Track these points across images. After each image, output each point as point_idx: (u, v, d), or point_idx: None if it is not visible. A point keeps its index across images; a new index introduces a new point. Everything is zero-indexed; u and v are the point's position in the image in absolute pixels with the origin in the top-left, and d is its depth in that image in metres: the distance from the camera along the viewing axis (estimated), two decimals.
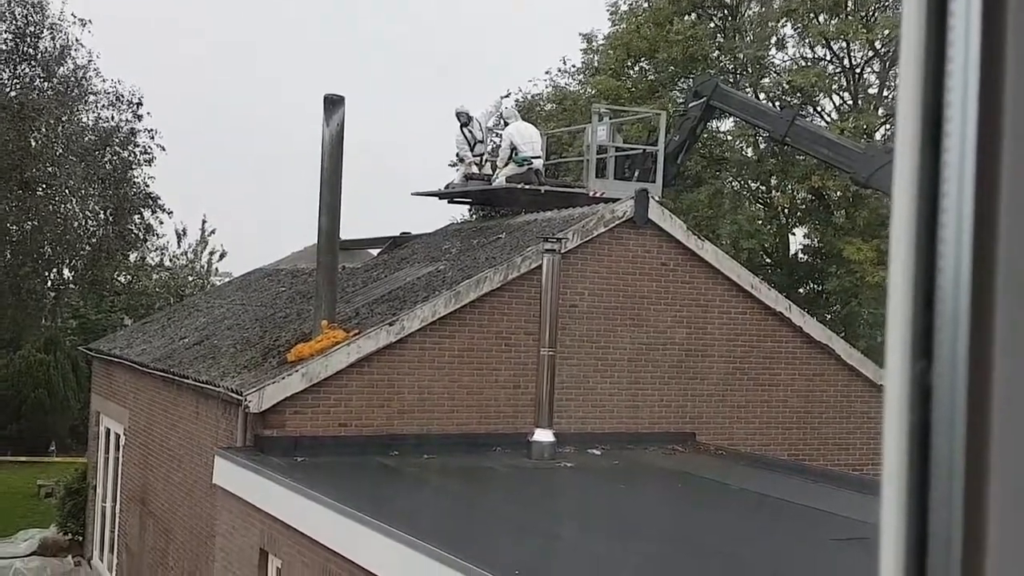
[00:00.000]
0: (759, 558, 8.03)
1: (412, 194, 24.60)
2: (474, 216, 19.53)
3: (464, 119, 16.58)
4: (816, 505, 10.34)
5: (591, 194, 14.70)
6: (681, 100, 28.44)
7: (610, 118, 17.05)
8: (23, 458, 30.93)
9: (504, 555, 7.24)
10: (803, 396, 14.78)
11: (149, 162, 28.34)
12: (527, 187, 15.08)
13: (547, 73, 33.73)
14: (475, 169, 16.65)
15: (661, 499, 10.57)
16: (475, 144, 16.62)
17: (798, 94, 26.90)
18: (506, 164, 15.55)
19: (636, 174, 16.27)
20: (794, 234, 30.92)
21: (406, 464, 11.29)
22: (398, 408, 12.22)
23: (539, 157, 15.63)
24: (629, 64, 29.45)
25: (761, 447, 14.37)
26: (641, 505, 10.16)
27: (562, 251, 12.51)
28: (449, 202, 17.90)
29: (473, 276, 12.80)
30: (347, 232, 14.09)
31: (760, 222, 28.26)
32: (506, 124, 16.13)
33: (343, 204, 12.84)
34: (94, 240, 28.13)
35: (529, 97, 35.38)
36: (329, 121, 12.67)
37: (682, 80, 28.76)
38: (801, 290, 28.83)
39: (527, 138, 15.52)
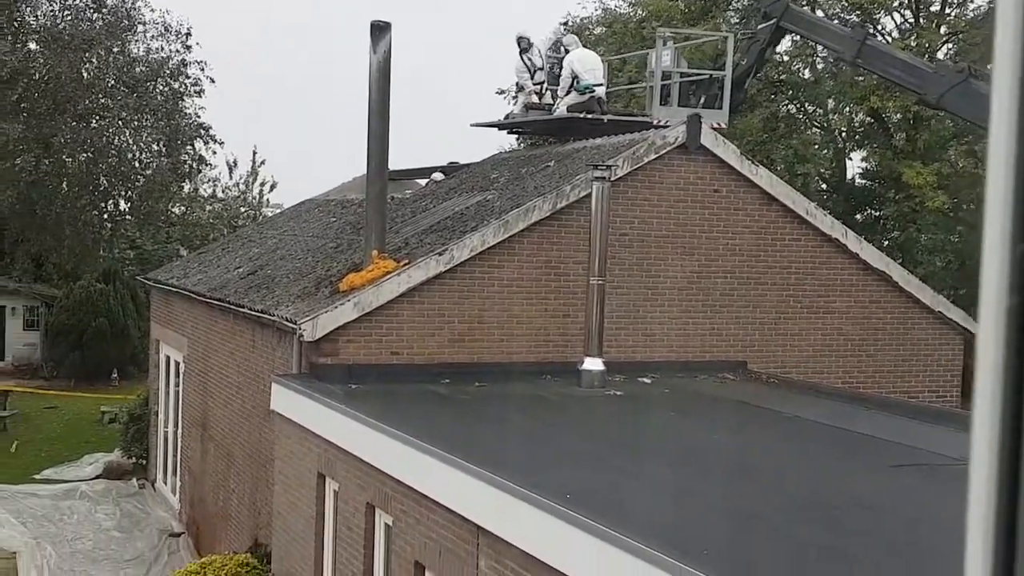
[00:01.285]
0: (814, 485, 8.04)
1: (471, 125, 24.46)
2: (523, 145, 19.36)
3: (524, 44, 16.14)
4: (872, 432, 10.29)
5: (655, 123, 14.19)
6: (736, 21, 27.90)
7: (674, 42, 16.36)
8: (86, 386, 31.72)
9: (556, 480, 7.31)
10: (859, 323, 14.63)
11: (199, 93, 28.47)
12: (589, 116, 14.79)
13: None
14: (535, 99, 16.30)
15: (712, 427, 10.58)
16: (535, 72, 16.23)
17: (858, 11, 26.17)
18: (567, 93, 15.26)
19: (702, 100, 15.73)
20: (851, 158, 30.40)
21: (457, 392, 11.40)
22: (448, 337, 12.31)
23: (601, 85, 15.27)
24: None
25: (815, 375, 14.29)
26: (692, 433, 10.18)
27: (612, 179, 12.39)
28: (508, 132, 17.60)
29: (522, 205, 12.76)
30: (395, 162, 14.08)
31: (816, 146, 27.78)
32: (566, 51, 15.73)
33: (391, 133, 12.82)
34: (148, 172, 28.43)
35: (578, 21, 34.84)
36: (376, 48, 12.59)
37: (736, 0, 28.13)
38: (858, 216, 28.37)
39: (589, 65, 15.15)
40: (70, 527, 18.04)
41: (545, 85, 16.26)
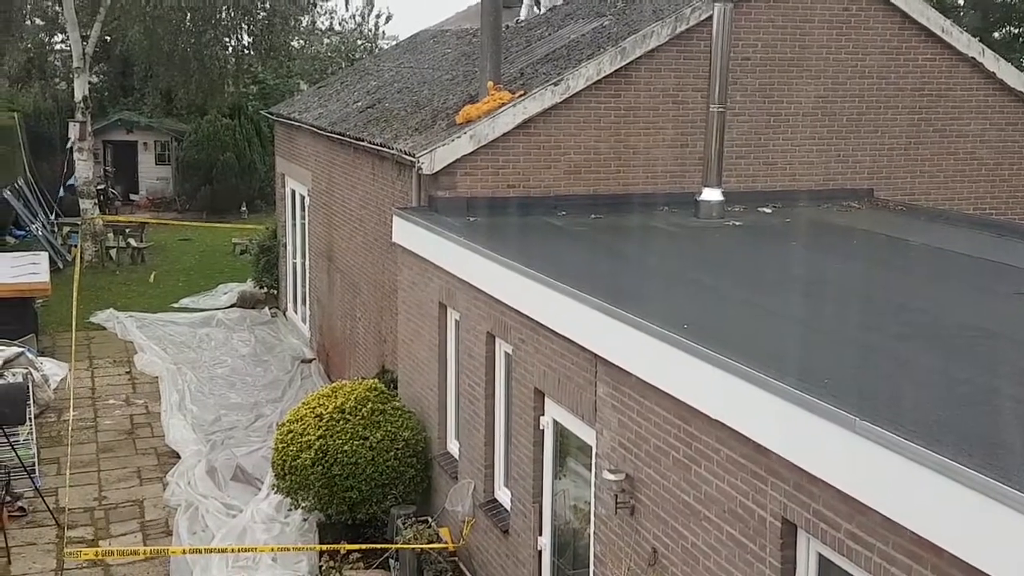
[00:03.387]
0: (935, 311, 7.91)
1: None
2: None
3: None
4: (1002, 260, 10.01)
5: None
6: None
7: None
8: (217, 219, 32.81)
9: (674, 310, 7.36)
10: (994, 147, 14.06)
11: None
12: None
13: None
14: None
15: (835, 257, 10.42)
16: None
17: None
18: None
19: None
20: None
21: (573, 224, 11.44)
22: (564, 169, 12.27)
23: None
24: None
25: (945, 202, 13.88)
26: (814, 263, 10.05)
27: (735, 0, 11.93)
28: None
29: (639, 31, 12.42)
30: None
31: None
32: None
33: None
34: (267, 4, 28.50)
35: None
36: None
37: None
38: (996, 34, 26.82)
39: None
40: (208, 353, 18.97)
41: None
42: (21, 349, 15.82)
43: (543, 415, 8.94)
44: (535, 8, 16.76)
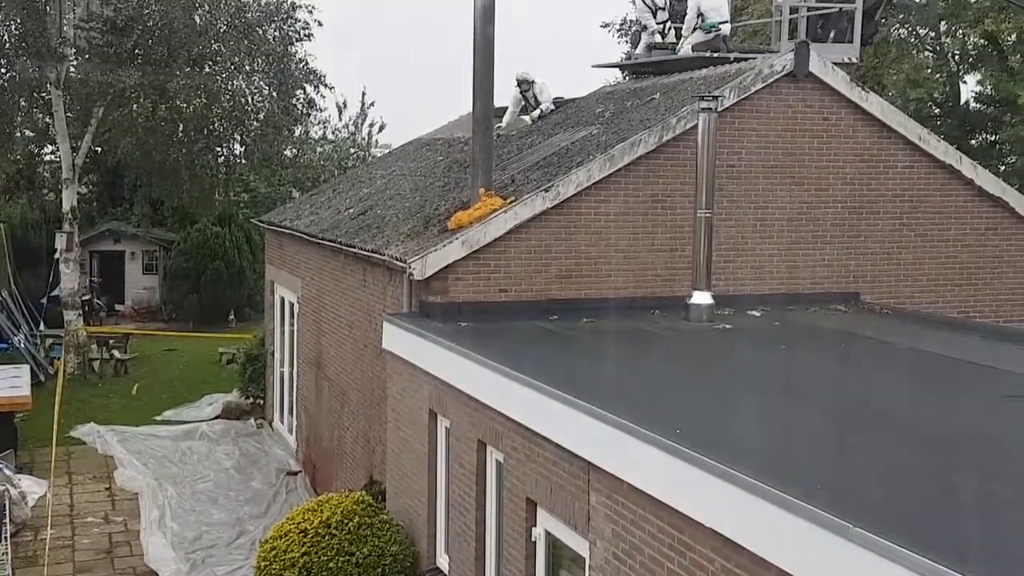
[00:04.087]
0: (928, 418, 7.92)
1: (593, 67, 24.23)
2: (627, 78, 19.12)
3: None
4: (988, 363, 10.07)
5: None
6: None
7: None
8: (204, 328, 32.69)
9: (667, 415, 7.35)
10: (975, 251, 14.27)
11: (308, 37, 28.76)
12: (715, 55, 14.55)
13: None
14: (658, 38, 16.14)
15: (825, 359, 10.47)
16: (657, 11, 16.08)
17: None
18: (692, 31, 15.03)
19: (832, 35, 15.28)
20: (965, 82, 29.29)
21: (566, 328, 11.48)
22: (556, 273, 12.37)
23: (727, 22, 14.99)
24: None
25: (929, 305, 14.01)
26: (804, 366, 10.09)
27: (719, 109, 12.21)
28: (630, 74, 17.33)
29: (627, 139, 12.68)
30: (500, 99, 14.09)
31: (928, 70, 26.82)
32: None
33: (495, 70, 12.82)
34: (261, 115, 28.90)
35: None
36: None
37: None
38: (973, 141, 27.44)
39: (714, 3, 14.90)
40: (190, 467, 18.51)
41: (668, 25, 16.07)
42: None
43: (535, 526, 8.83)
44: (524, 117, 17.09)
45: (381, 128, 44.14)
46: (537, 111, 16.84)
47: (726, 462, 6.07)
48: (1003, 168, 25.39)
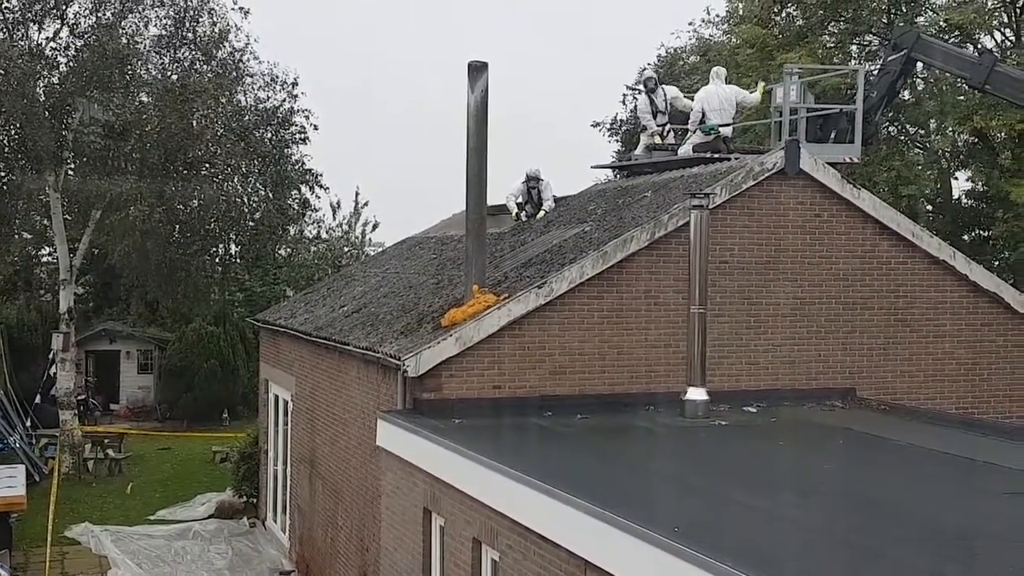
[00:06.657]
0: (931, 515, 7.82)
1: (592, 167, 24.56)
2: (619, 177, 19.35)
3: (651, 85, 16.33)
4: (987, 459, 9.99)
5: None
6: (831, 44, 27.52)
7: (799, 77, 15.79)
8: (198, 426, 32.47)
9: (664, 513, 7.26)
10: (970, 347, 14.25)
11: (304, 140, 29.19)
12: (715, 156, 14.74)
13: (690, 24, 33.17)
14: (658, 139, 16.40)
15: (822, 456, 10.38)
16: (657, 114, 16.36)
17: (956, 32, 25.62)
18: (694, 132, 15.25)
19: (833, 135, 15.45)
20: (956, 178, 29.67)
21: (560, 424, 11.40)
22: (550, 370, 12.33)
23: (728, 124, 15.21)
24: (776, 10, 28.60)
25: (926, 400, 13.95)
26: (802, 463, 9.99)
27: (710, 206, 12.32)
28: (629, 175, 17.56)
29: (620, 236, 12.76)
30: (494, 196, 14.22)
31: (920, 167, 27.16)
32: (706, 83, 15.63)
33: (488, 168, 12.97)
34: (256, 216, 29.14)
35: (672, 51, 34.84)
36: (473, 88, 12.79)
37: (831, 24, 27.78)
38: (965, 237, 27.66)
39: (715, 104, 15.11)
40: (184, 567, 18.36)
41: (668, 127, 16.35)
42: None
43: None
44: (523, 216, 17.13)
45: (375, 227, 44.56)
46: (541, 212, 16.90)
47: (726, 561, 5.96)
48: (996, 263, 25.54)
